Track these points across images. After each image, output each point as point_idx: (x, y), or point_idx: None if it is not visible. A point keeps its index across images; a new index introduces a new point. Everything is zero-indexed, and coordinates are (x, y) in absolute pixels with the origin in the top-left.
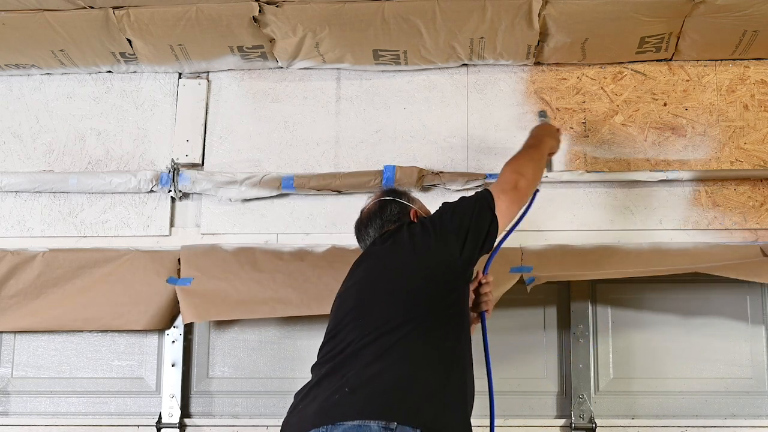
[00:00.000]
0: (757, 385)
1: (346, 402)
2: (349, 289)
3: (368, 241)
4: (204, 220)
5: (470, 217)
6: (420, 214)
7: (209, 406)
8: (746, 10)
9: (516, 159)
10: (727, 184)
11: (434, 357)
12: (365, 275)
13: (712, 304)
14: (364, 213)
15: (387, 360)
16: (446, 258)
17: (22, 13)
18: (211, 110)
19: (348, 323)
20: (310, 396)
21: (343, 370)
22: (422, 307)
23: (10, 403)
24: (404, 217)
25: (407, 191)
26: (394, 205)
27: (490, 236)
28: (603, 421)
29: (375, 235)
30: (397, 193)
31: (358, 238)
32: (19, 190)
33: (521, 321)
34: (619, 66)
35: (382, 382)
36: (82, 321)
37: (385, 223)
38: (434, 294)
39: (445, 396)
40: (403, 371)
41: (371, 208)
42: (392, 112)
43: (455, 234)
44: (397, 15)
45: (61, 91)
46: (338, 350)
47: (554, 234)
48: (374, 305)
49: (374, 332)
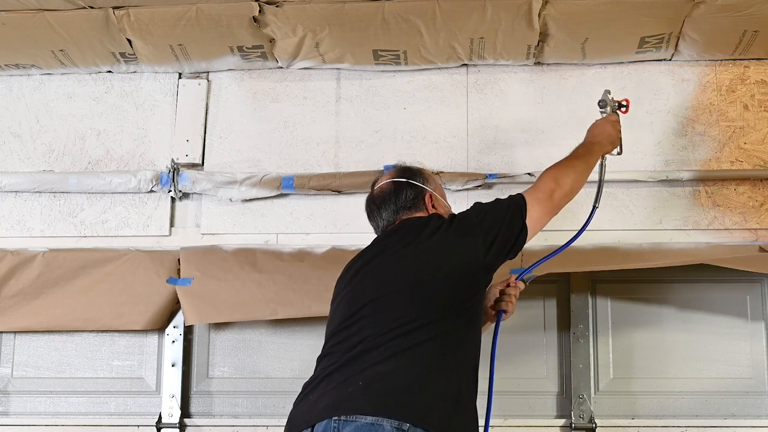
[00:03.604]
0: (757, 385)
1: (359, 396)
2: (366, 277)
3: (380, 223)
4: (204, 220)
5: (501, 222)
6: (435, 196)
7: (209, 406)
8: (746, 10)
9: (557, 166)
10: (727, 184)
11: (449, 361)
12: (384, 267)
13: (712, 304)
14: (376, 192)
15: (402, 359)
16: (471, 260)
17: (22, 13)
18: (211, 110)
19: (365, 315)
20: (321, 386)
21: (358, 364)
22: (441, 308)
23: (10, 403)
24: (420, 203)
25: (422, 169)
26: (410, 190)
27: (518, 244)
28: (603, 421)
29: (388, 218)
30: (411, 173)
31: (369, 216)
32: (19, 190)
33: (521, 321)
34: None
35: (397, 380)
36: (82, 321)
37: (399, 209)
38: (454, 295)
39: (456, 399)
40: (418, 372)
41: (384, 188)
42: (392, 112)
43: (483, 237)
44: (397, 15)
45: (61, 91)
46: (353, 343)
47: (554, 234)
48: (393, 302)
49: (392, 330)
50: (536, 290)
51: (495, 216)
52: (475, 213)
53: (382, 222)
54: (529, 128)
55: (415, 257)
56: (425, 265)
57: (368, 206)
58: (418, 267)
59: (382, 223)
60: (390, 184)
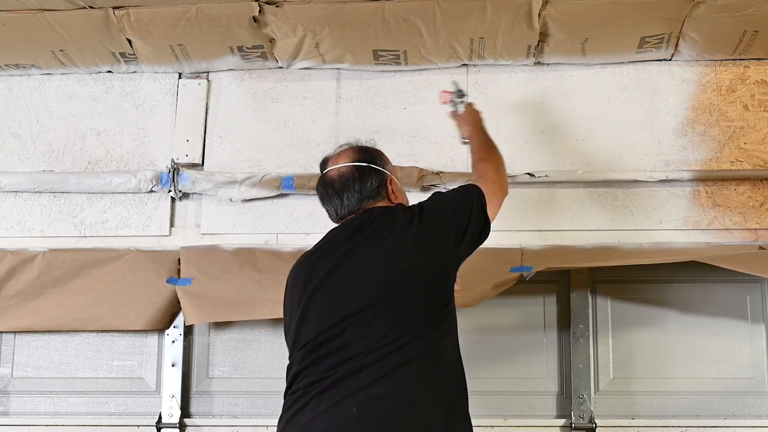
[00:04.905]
0: (757, 385)
1: (352, 422)
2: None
3: (340, 210)
4: (204, 220)
5: (469, 217)
6: (394, 181)
7: (209, 406)
8: (746, 10)
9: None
10: (727, 184)
11: (436, 371)
12: (359, 272)
13: (712, 303)
14: (334, 174)
15: (392, 381)
16: (444, 256)
17: (22, 13)
18: (211, 110)
19: (347, 330)
20: (310, 407)
21: (348, 385)
22: (424, 319)
23: (10, 403)
24: (382, 189)
25: (379, 150)
26: (374, 177)
27: (482, 238)
28: (603, 421)
29: (350, 207)
30: (371, 155)
31: (323, 200)
32: (19, 190)
33: (521, 321)
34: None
35: (389, 403)
36: (81, 321)
37: (364, 198)
38: (434, 298)
39: (448, 409)
40: (409, 392)
41: (345, 172)
42: (392, 112)
43: (454, 232)
44: (397, 15)
45: (61, 91)
46: (338, 361)
47: (554, 234)
48: (376, 316)
49: (379, 350)
50: (536, 290)
51: (464, 210)
52: (444, 206)
53: (342, 210)
54: (529, 128)
55: (392, 259)
56: (402, 268)
57: (324, 189)
58: (395, 272)
59: (342, 210)
60: (352, 169)
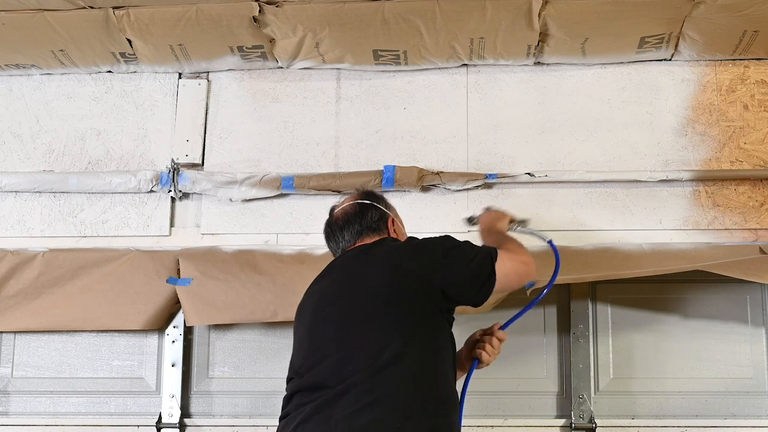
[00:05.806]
0: (757, 385)
1: None
2: (327, 306)
3: (342, 244)
4: (204, 220)
5: (466, 257)
6: (397, 222)
7: (209, 406)
8: (746, 10)
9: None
10: (727, 184)
11: (423, 398)
12: (349, 296)
13: (712, 304)
14: (338, 213)
15: (377, 409)
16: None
17: (22, 13)
18: (211, 110)
19: (331, 353)
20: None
21: (335, 411)
22: (411, 342)
23: (10, 403)
24: (383, 226)
25: (384, 197)
26: (374, 212)
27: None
28: (603, 421)
29: (350, 239)
30: (375, 197)
31: (328, 238)
32: (19, 190)
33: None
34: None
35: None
36: (81, 321)
37: (364, 229)
38: (421, 328)
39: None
40: (395, 420)
41: (348, 209)
42: (392, 112)
43: (441, 257)
44: (397, 15)
45: (61, 91)
46: (322, 383)
47: (554, 234)
48: (363, 339)
49: (362, 372)
50: (536, 290)
51: (463, 248)
52: (442, 238)
53: (343, 242)
54: (529, 128)
55: (372, 286)
56: (383, 296)
57: (328, 228)
58: (375, 299)
59: (343, 243)
60: (355, 206)
